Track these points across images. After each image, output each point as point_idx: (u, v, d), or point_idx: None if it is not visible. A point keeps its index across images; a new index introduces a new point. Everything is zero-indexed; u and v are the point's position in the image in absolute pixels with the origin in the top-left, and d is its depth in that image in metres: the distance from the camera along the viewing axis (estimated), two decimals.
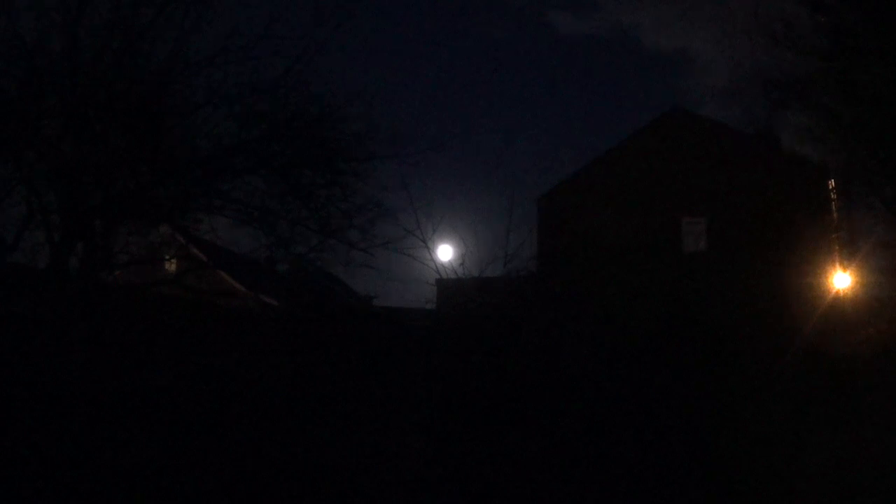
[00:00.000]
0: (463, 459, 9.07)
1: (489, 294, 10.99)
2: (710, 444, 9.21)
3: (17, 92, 8.68)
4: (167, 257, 10.57)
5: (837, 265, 13.55)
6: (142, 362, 8.53)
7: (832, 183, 13.63)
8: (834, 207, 13.78)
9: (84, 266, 8.86)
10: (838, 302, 12.81)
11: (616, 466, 8.91)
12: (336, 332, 10.83)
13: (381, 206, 10.27)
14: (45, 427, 7.62)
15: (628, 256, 12.53)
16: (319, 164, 9.99)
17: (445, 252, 11.62)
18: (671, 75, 46.04)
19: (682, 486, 8.81)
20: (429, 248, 11.11)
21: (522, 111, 50.60)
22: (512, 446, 9.16)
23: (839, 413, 10.04)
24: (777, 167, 14.92)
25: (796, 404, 10.26)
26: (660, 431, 9.46)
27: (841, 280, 13.32)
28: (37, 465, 7.33)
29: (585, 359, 10.39)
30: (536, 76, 52.18)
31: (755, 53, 11.76)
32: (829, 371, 10.99)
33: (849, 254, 13.28)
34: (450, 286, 11.42)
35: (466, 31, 53.82)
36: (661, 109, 16.88)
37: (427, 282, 11.38)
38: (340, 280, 12.83)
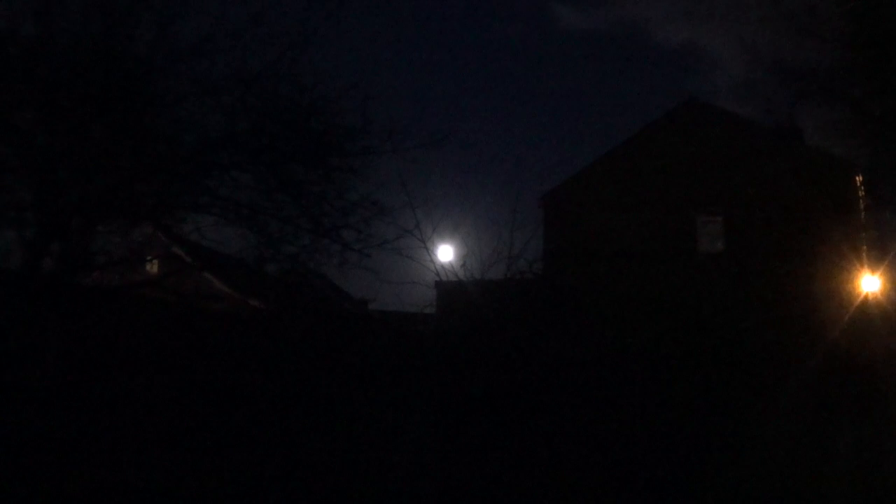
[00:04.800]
0: (466, 468, 9.02)
1: (492, 297, 10.82)
2: (728, 452, 9.18)
3: None
4: (148, 258, 10.42)
5: (865, 267, 13.36)
6: (121, 368, 8.44)
7: (859, 179, 13.48)
8: (861, 206, 13.62)
9: (60, 267, 8.71)
10: (866, 306, 12.63)
11: (628, 475, 8.89)
12: (330, 337, 10.74)
13: (377, 204, 10.09)
14: (19, 436, 7.48)
15: (640, 257, 12.37)
16: (312, 160, 9.82)
17: (446, 253, 11.46)
18: (682, 70, 45.76)
19: (698, 495, 8.75)
20: (428, 249, 10.95)
21: (527, 107, 50.41)
22: (517, 455, 9.12)
23: (866, 421, 9.90)
24: (800, 163, 14.70)
25: (820, 413, 10.24)
26: (674, 439, 9.44)
27: (869, 283, 13.13)
28: (10, 474, 7.18)
29: (595, 365, 10.25)
30: (542, 71, 52.08)
31: (774, 42, 11.60)
32: (856, 379, 10.87)
33: (878, 255, 13.08)
34: (450, 289, 11.28)
35: (470, 25, 53.72)
36: (674, 102, 16.67)
37: (426, 285, 11.24)
38: (334, 283, 12.66)
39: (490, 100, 52.57)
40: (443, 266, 11.05)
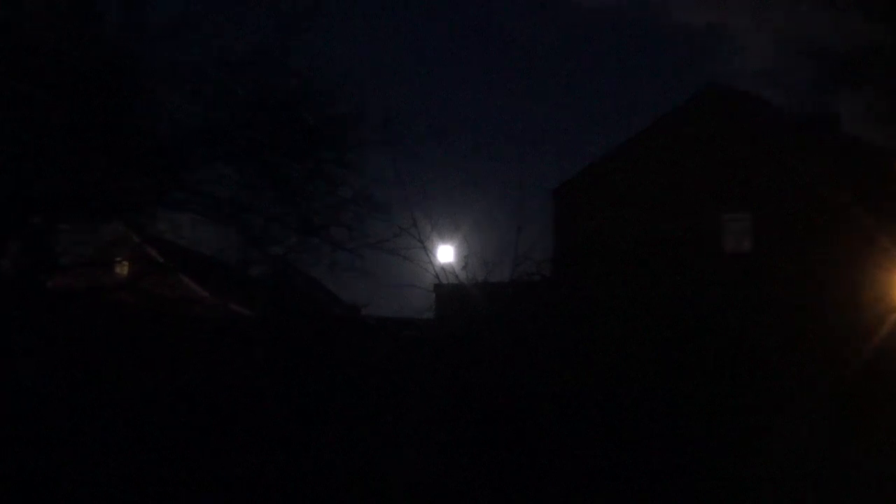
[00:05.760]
0: (470, 483, 8.67)
1: (496, 301, 10.24)
2: (745, 466, 8.94)
3: None
4: (118, 259, 10.00)
5: None
6: (86, 378, 8.02)
7: None
8: None
9: (18, 269, 8.22)
10: None
11: (640, 485, 8.64)
12: (320, 345, 10.23)
13: (371, 200, 9.69)
14: None
15: (660, 257, 11.67)
16: (301, 152, 9.42)
17: (446, 253, 10.90)
18: (703, 54, 44.08)
19: None
20: (426, 249, 10.37)
21: (536, 94, 48.71)
22: (523, 466, 8.82)
23: None
24: (836, 153, 13.90)
25: (854, 428, 9.88)
26: (688, 450, 9.13)
27: None
28: None
29: (608, 374, 9.76)
30: (552, 54, 50.27)
31: (805, 22, 10.86)
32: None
33: None
34: (451, 292, 10.70)
35: (473, 4, 52.06)
36: (697, 87, 15.84)
37: (425, 288, 10.65)
38: (325, 286, 12.19)
39: (495, 86, 50.80)
40: (442, 268, 10.52)
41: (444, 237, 10.83)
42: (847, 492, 8.59)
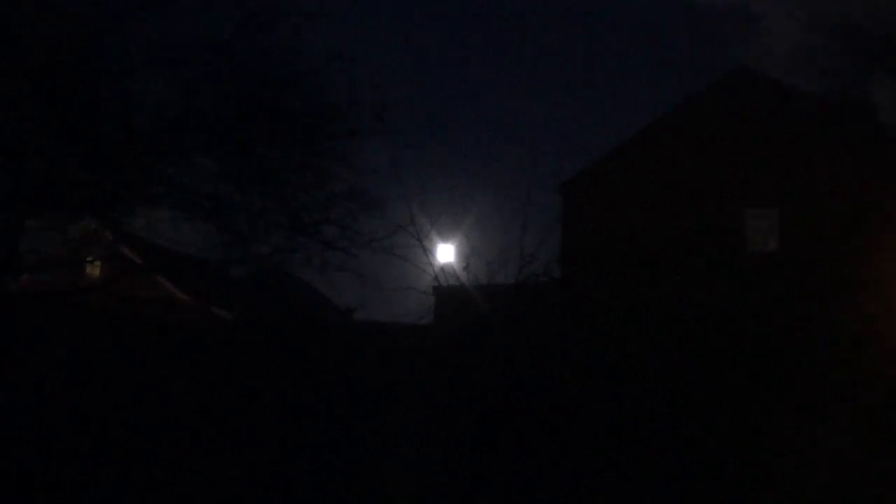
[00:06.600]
0: (470, 483, 8.52)
1: (500, 304, 9.79)
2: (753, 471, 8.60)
3: None
4: (90, 259, 9.69)
5: None
6: (52, 389, 7.64)
7: None
8: None
9: None
10: None
11: (639, 491, 8.36)
12: (315, 346, 9.81)
13: (365, 195, 9.45)
14: None
15: (678, 257, 11.12)
16: (288, 143, 9.22)
17: (446, 253, 10.58)
18: (728, 37, 42.72)
19: None
20: (425, 248, 10.01)
21: (545, 80, 47.30)
22: (523, 466, 8.57)
23: None
24: (872, 144, 13.27)
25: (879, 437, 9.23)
26: (691, 455, 8.82)
27: None
28: None
29: (612, 376, 9.40)
30: (563, 36, 48.68)
31: (838, 4, 10.18)
32: None
33: None
34: (451, 295, 10.21)
35: None
36: (722, 72, 15.15)
37: (423, 290, 10.17)
38: (316, 288, 11.84)
39: (502, 78, 49.10)
40: (442, 268, 10.13)
41: (443, 236, 10.55)
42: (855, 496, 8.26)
